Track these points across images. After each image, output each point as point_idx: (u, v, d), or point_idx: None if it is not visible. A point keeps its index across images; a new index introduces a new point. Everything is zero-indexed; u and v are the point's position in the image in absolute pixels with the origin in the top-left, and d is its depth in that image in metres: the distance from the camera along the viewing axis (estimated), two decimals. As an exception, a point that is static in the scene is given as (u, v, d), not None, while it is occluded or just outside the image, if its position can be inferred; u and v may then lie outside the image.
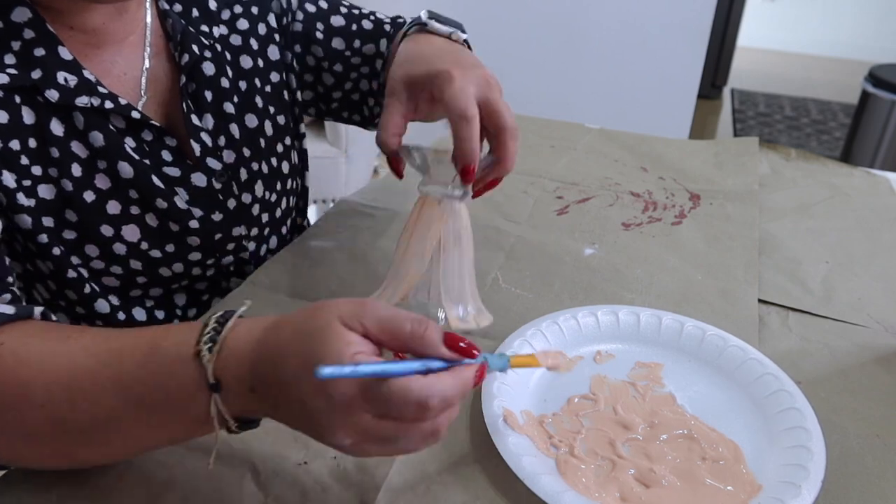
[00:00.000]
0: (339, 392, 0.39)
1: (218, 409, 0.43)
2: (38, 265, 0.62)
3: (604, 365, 0.63)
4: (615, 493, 0.50)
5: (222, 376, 0.42)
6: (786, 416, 0.56)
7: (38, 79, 0.57)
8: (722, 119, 3.60)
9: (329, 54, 0.79)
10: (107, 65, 0.63)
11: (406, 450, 0.42)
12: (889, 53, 4.12)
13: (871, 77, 2.62)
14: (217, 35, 0.71)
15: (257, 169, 0.73)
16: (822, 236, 0.87)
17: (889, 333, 0.69)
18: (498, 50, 2.44)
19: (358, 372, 0.37)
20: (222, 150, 0.70)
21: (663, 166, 1.03)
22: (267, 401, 0.42)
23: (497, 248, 0.81)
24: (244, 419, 0.45)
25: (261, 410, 0.44)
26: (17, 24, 0.57)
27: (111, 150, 0.61)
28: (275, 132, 0.75)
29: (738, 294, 0.74)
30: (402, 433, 0.40)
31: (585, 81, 2.49)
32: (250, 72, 0.73)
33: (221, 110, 0.70)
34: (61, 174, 0.60)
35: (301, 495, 0.50)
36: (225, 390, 0.43)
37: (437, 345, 0.41)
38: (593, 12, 2.37)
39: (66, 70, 0.58)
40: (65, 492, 0.50)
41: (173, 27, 0.67)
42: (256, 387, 0.42)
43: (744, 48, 4.24)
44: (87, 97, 0.59)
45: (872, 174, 1.04)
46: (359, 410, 0.39)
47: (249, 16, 0.74)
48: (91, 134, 0.60)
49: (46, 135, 0.59)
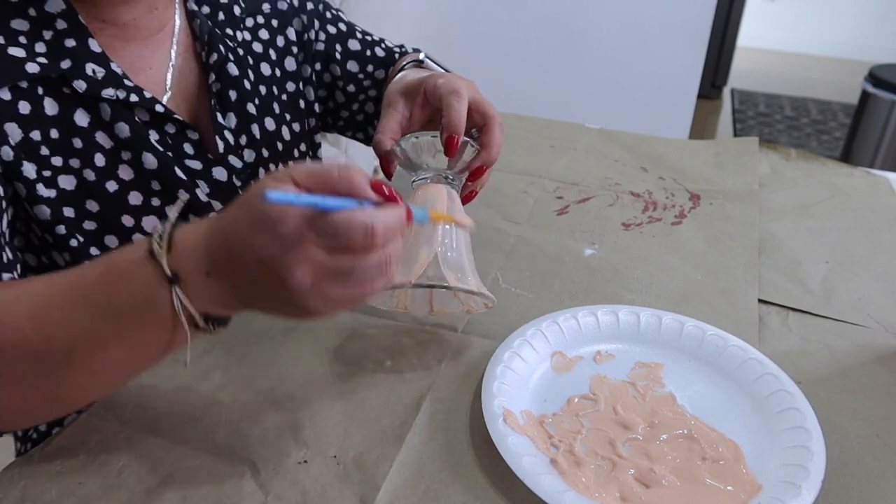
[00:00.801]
0: (288, 229, 0.40)
1: (181, 303, 0.43)
2: (53, 257, 0.63)
3: (604, 365, 0.63)
4: (615, 493, 0.50)
5: (177, 267, 0.43)
6: (786, 416, 0.56)
7: (68, 69, 0.59)
8: (722, 119, 3.60)
9: (344, 75, 0.84)
10: (134, 59, 0.65)
11: (363, 286, 0.43)
12: (889, 53, 4.12)
13: (871, 77, 2.62)
14: (241, 39, 0.73)
15: (275, 171, 0.74)
16: (822, 236, 0.87)
17: (889, 333, 0.69)
18: (498, 50, 2.44)
19: (301, 199, 0.40)
20: (244, 148, 0.72)
21: (663, 166, 1.03)
22: (225, 281, 0.43)
23: (497, 248, 0.81)
24: (211, 316, 0.45)
25: (223, 297, 0.44)
26: (50, 14, 0.59)
27: (136, 142, 0.63)
28: (292, 137, 0.78)
29: (738, 294, 0.74)
30: (355, 264, 0.41)
31: (585, 81, 2.49)
32: (269, 79, 0.76)
33: (244, 110, 0.72)
34: (84, 164, 0.61)
35: (301, 495, 0.50)
36: (183, 281, 0.43)
37: (364, 186, 0.43)
38: (593, 12, 2.37)
39: (95, 62, 0.60)
40: (64, 489, 0.50)
41: (201, 28, 0.69)
42: (211, 270, 0.43)
43: (744, 48, 4.24)
44: (114, 89, 0.61)
45: (872, 174, 1.04)
46: (309, 244, 0.41)
47: (270, 27, 0.77)
48: (117, 125, 0.62)
49: (70, 125, 0.60)
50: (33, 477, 0.51)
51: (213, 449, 0.53)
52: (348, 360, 0.63)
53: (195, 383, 0.60)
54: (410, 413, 0.57)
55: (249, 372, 0.61)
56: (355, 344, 0.65)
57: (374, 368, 0.62)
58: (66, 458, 0.52)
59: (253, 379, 0.60)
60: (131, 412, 0.57)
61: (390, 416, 0.57)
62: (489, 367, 0.59)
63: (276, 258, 0.41)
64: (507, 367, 0.59)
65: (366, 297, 0.44)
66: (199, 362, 0.62)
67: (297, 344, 0.65)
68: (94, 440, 0.54)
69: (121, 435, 0.54)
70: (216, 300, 0.45)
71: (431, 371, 0.62)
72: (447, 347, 0.65)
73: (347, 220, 0.40)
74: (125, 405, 0.57)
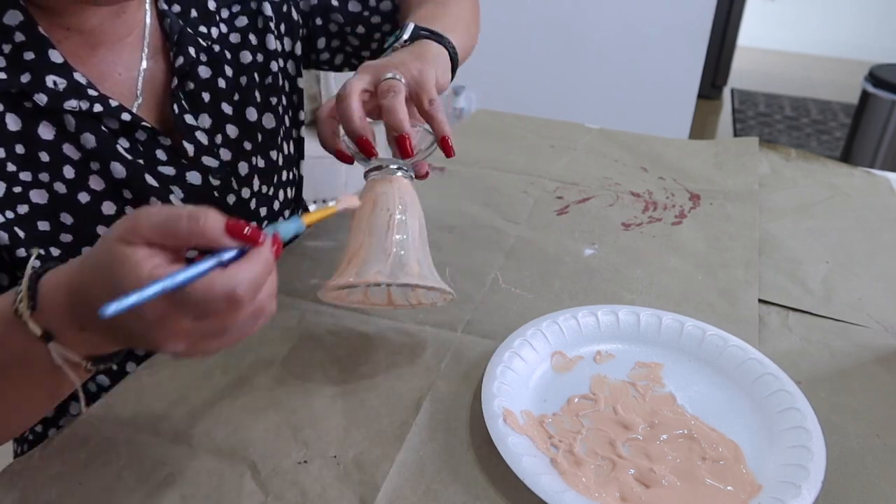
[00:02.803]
0: (149, 312, 0.38)
1: (62, 355, 0.43)
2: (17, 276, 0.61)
3: (604, 365, 0.63)
4: (615, 493, 0.50)
5: (49, 326, 0.42)
6: (786, 416, 0.56)
7: (27, 83, 0.57)
8: (722, 119, 3.60)
9: (349, 18, 0.82)
10: (103, 66, 0.63)
11: (243, 335, 0.42)
12: (889, 53, 4.12)
13: (871, 77, 2.62)
14: (215, 35, 0.71)
15: (255, 164, 0.74)
16: (822, 236, 0.87)
17: (889, 333, 0.69)
18: (499, 50, 2.44)
19: (144, 296, 0.36)
20: (219, 147, 0.70)
21: (663, 166, 1.03)
22: (101, 334, 0.43)
23: (497, 249, 0.81)
24: (95, 357, 0.45)
25: (103, 344, 0.44)
26: (8, 27, 0.57)
27: (103, 152, 0.61)
28: (276, 124, 0.76)
29: (738, 294, 0.74)
30: (227, 324, 0.40)
31: (585, 81, 2.49)
32: (250, 66, 0.74)
33: (219, 110, 0.70)
34: (53, 177, 0.60)
35: (301, 495, 0.50)
36: (59, 336, 0.43)
37: (219, 236, 0.39)
38: (593, 13, 2.37)
39: (56, 73, 0.58)
40: (64, 489, 0.50)
41: (171, 27, 0.67)
42: (85, 325, 0.42)
43: (744, 48, 4.24)
44: (77, 100, 0.59)
45: (872, 174, 1.04)
46: (175, 320, 0.39)
47: (248, 11, 0.75)
48: (83, 136, 0.60)
49: (35, 139, 0.59)
50: (33, 477, 0.51)
51: (213, 449, 0.53)
52: (348, 361, 0.63)
53: (195, 383, 0.60)
54: (410, 413, 0.57)
55: (249, 372, 0.61)
56: (355, 344, 0.65)
57: (374, 368, 0.62)
58: (65, 459, 0.52)
59: (253, 379, 0.60)
60: (131, 412, 0.57)
61: (390, 416, 0.57)
62: (489, 367, 0.59)
63: (145, 334, 0.40)
64: (507, 367, 0.59)
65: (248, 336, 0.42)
66: (200, 362, 0.62)
67: (297, 344, 0.65)
68: (94, 440, 0.54)
69: (121, 435, 0.54)
70: (98, 346, 0.44)
71: (431, 371, 0.62)
72: (447, 347, 0.65)
73: (205, 290, 0.38)
74: (125, 405, 0.57)
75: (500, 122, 1.19)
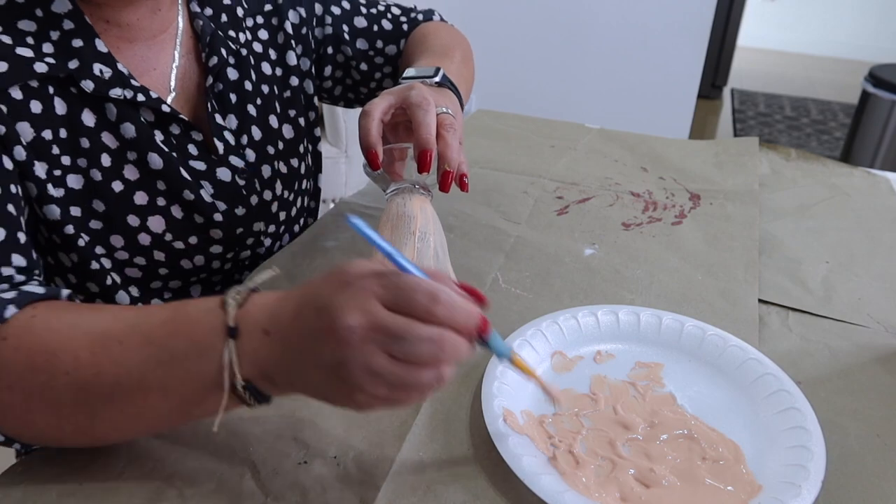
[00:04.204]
0: (355, 270, 0.42)
1: (230, 358, 0.43)
2: (59, 258, 0.63)
3: (604, 365, 0.63)
4: (615, 493, 0.50)
5: (240, 320, 0.44)
6: (786, 416, 0.56)
7: (75, 69, 0.59)
8: (722, 119, 3.60)
9: (356, 54, 0.86)
10: (138, 59, 0.66)
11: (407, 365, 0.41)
12: (889, 53, 4.13)
13: (871, 77, 2.62)
14: (243, 40, 0.74)
15: (277, 168, 0.76)
16: (822, 236, 0.87)
17: (889, 333, 0.69)
18: (499, 50, 2.44)
19: (381, 244, 0.42)
20: (245, 148, 0.72)
21: (663, 166, 1.03)
22: (279, 343, 0.43)
23: (497, 249, 0.81)
24: (253, 387, 0.44)
25: (271, 363, 0.44)
26: (57, 14, 0.59)
27: (142, 142, 0.63)
28: (295, 135, 0.79)
29: (738, 294, 0.74)
30: (409, 332, 0.40)
31: (585, 81, 2.49)
32: (270, 78, 0.77)
33: (245, 112, 0.73)
34: (90, 164, 0.62)
35: (301, 495, 0.50)
36: (241, 337, 0.44)
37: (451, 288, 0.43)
38: (593, 12, 2.37)
39: (102, 62, 0.60)
40: (65, 489, 0.50)
41: (203, 29, 0.69)
42: (270, 329, 0.43)
43: (744, 48, 4.24)
44: (121, 89, 0.61)
45: (872, 174, 1.04)
46: (370, 293, 0.41)
47: (269, 26, 0.78)
48: (123, 125, 0.62)
49: (77, 125, 0.60)
50: (34, 478, 0.51)
51: (213, 449, 0.53)
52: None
53: (195, 383, 0.60)
54: (410, 413, 0.57)
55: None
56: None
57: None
58: (66, 459, 0.52)
59: (253, 379, 0.60)
60: (131, 412, 0.56)
61: (390, 416, 0.57)
62: (489, 367, 0.59)
63: (334, 294, 0.41)
64: (508, 368, 0.59)
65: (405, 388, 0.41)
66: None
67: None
68: (94, 440, 0.54)
69: (121, 435, 0.54)
70: (264, 364, 0.44)
71: (431, 371, 0.62)
72: (447, 347, 0.65)
73: (414, 281, 0.41)
74: (125, 405, 0.57)
75: (500, 122, 1.19)
